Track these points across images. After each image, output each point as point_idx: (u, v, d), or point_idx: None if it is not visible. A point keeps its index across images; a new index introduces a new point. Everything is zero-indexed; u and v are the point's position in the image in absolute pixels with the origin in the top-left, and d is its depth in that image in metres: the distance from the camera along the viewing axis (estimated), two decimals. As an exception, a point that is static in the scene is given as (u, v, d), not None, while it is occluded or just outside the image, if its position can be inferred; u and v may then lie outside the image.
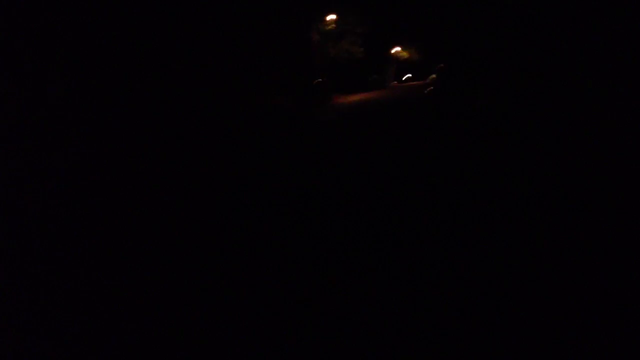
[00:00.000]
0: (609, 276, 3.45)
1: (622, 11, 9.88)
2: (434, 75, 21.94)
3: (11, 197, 5.93)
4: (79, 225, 5.54)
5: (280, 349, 2.88)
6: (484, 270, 3.81)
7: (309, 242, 4.88)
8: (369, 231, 5.07)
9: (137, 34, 11.56)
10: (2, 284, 3.97)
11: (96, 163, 8.10)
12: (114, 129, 9.75)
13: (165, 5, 12.96)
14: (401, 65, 38.06)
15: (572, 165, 7.07)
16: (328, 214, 5.80)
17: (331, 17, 28.43)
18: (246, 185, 7.32)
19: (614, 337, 2.72)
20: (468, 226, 4.92)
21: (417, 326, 3.04)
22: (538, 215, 5.02)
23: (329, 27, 28.98)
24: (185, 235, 5.34)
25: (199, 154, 10.09)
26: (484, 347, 2.76)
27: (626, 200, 5.27)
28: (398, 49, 36.38)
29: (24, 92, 7.79)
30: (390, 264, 4.11)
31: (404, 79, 38.91)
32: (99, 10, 10.07)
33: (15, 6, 7.95)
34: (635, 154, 6.92)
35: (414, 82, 37.14)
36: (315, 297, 3.57)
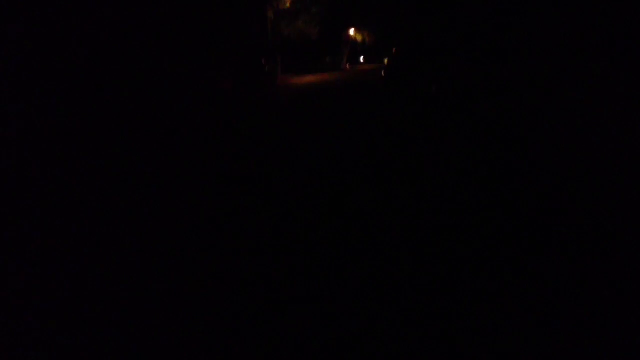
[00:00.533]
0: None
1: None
2: (387, 59, 22.00)
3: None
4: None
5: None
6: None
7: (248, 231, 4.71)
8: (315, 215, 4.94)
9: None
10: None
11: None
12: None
13: None
14: (356, 48, 37.94)
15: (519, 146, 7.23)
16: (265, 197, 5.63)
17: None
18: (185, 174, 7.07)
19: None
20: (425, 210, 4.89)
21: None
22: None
23: (285, 4, 28.31)
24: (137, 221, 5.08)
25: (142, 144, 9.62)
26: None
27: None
28: (353, 31, 36.16)
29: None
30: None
31: (360, 61, 38.86)
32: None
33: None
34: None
35: (368, 65, 37.18)
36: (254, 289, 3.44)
